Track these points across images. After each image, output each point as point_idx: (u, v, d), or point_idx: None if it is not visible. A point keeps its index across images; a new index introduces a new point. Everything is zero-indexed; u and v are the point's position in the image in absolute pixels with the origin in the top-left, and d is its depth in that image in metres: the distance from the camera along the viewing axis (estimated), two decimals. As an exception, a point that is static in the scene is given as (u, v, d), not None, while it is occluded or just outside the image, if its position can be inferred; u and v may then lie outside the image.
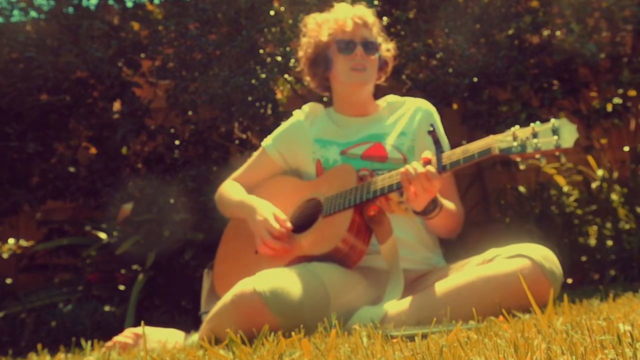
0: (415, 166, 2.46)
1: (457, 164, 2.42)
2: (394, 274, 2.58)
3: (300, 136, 2.96)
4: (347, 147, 2.84)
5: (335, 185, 2.72)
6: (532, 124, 2.32)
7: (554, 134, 2.25)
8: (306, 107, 3.05)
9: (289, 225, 2.69)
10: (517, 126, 2.36)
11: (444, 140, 2.90)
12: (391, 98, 3.04)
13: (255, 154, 3.08)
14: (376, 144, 2.83)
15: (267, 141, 3.03)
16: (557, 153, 2.26)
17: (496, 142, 2.34)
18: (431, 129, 2.47)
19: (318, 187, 2.80)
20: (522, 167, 2.34)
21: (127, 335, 2.74)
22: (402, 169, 2.49)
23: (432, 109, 2.98)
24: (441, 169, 2.44)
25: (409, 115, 2.93)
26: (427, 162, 2.47)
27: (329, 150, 2.85)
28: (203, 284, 3.01)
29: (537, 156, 2.30)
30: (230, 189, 3.01)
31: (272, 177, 3.01)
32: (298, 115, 3.03)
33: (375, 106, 3.01)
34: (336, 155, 2.83)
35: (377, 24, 2.98)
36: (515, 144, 2.30)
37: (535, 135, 2.28)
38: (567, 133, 2.24)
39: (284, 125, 3.05)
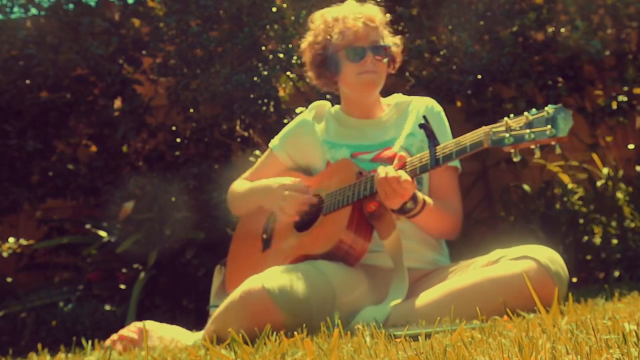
0: (387, 169, 2.45)
1: (450, 158, 2.38)
2: (398, 272, 2.55)
3: (308, 136, 2.91)
4: (358, 151, 2.80)
5: (335, 182, 2.69)
6: (526, 113, 2.23)
7: (548, 123, 2.17)
8: (313, 106, 2.98)
9: (308, 183, 2.74)
10: (512, 115, 2.28)
11: (447, 134, 2.83)
12: (398, 98, 2.96)
13: (264, 155, 3.04)
14: (385, 148, 2.79)
15: (274, 142, 2.99)
16: (552, 143, 2.19)
17: (488, 134, 2.28)
18: (423, 121, 2.45)
19: (320, 182, 2.78)
20: (515, 158, 2.26)
21: (131, 329, 2.73)
22: (376, 172, 2.49)
23: (439, 107, 2.91)
24: (434, 163, 2.40)
25: (415, 115, 2.86)
26: (401, 166, 2.48)
27: (339, 152, 2.80)
28: (214, 279, 3.00)
29: (532, 146, 2.24)
30: (240, 185, 2.99)
31: (278, 173, 2.96)
32: (305, 114, 2.97)
33: (382, 108, 2.93)
34: (346, 156, 2.79)
35: (384, 21, 2.88)
36: (507, 135, 2.23)
37: (529, 125, 2.20)
38: (562, 121, 2.15)
39: (291, 125, 3.00)
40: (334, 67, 2.84)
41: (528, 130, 2.19)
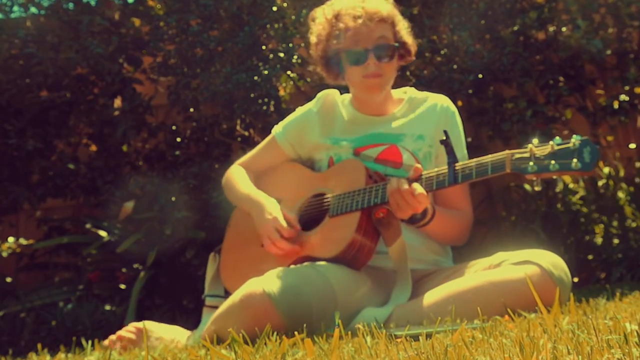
0: (400, 182, 2.42)
1: (469, 178, 2.37)
2: (401, 277, 2.54)
3: (312, 129, 2.84)
4: (361, 145, 2.74)
5: (344, 182, 2.64)
6: (551, 142, 2.23)
7: (573, 156, 2.17)
8: (320, 96, 2.87)
9: (298, 226, 2.65)
10: (536, 141, 2.27)
11: (461, 145, 2.78)
12: (411, 92, 2.87)
13: (265, 140, 2.97)
14: (392, 146, 2.72)
15: (278, 129, 2.91)
16: (576, 176, 2.20)
17: (512, 159, 2.28)
18: (444, 137, 2.42)
19: (326, 180, 2.73)
20: (537, 187, 2.26)
21: (129, 330, 2.72)
22: (389, 183, 2.46)
23: (453, 108, 2.83)
24: (452, 181, 2.39)
25: (428, 115, 2.79)
26: (415, 179, 2.45)
27: (342, 148, 2.75)
28: (208, 267, 2.97)
29: (554, 177, 2.24)
30: (238, 177, 2.93)
31: (281, 163, 2.92)
32: (311, 105, 2.88)
33: (394, 103, 2.85)
34: (349, 154, 2.74)
35: (393, 12, 2.75)
36: (531, 163, 2.23)
37: (554, 155, 2.21)
38: (588, 155, 2.16)
39: (296, 114, 2.92)
40: (336, 68, 2.78)
41: (553, 161, 2.20)
